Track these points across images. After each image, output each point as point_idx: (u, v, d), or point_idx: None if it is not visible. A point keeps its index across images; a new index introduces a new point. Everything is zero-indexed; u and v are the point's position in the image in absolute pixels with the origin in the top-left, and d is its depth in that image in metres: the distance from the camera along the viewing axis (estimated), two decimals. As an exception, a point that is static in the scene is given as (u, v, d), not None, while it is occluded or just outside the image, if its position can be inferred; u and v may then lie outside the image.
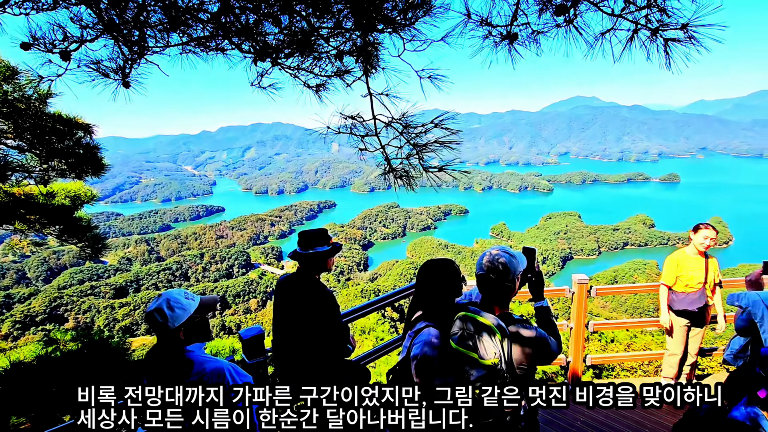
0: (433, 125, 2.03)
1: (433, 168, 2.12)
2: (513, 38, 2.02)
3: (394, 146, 2.10)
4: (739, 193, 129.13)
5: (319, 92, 2.06)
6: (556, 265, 76.07)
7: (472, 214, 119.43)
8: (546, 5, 1.90)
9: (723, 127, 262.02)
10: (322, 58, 1.90)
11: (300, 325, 2.48)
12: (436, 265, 2.19)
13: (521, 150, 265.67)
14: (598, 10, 1.89)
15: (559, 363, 4.69)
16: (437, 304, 2.15)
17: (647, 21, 1.87)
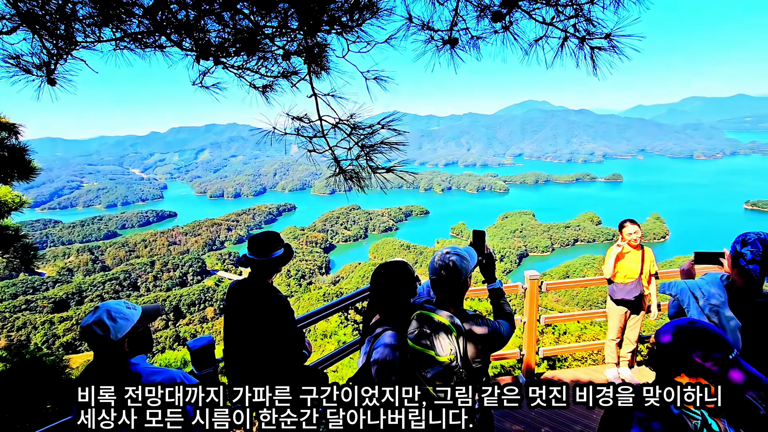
0: (380, 126, 2.03)
1: (380, 169, 2.13)
2: (454, 43, 2.07)
3: (343, 147, 2.09)
4: (674, 191, 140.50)
5: (266, 93, 2.00)
6: (513, 263, 79.05)
7: (433, 215, 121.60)
8: (483, 12, 1.98)
9: (659, 130, 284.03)
10: (268, 58, 1.86)
11: (253, 333, 2.40)
12: (389, 269, 2.21)
13: (478, 151, 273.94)
14: (530, 18, 1.98)
15: (515, 357, 4.87)
16: (393, 307, 2.17)
17: (575, 30, 1.99)
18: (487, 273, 2.37)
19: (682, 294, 2.42)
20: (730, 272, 2.31)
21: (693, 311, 2.37)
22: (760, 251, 2.11)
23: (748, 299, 2.23)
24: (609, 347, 4.63)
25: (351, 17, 1.75)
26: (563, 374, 4.91)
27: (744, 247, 2.19)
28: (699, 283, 2.38)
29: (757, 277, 2.16)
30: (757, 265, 2.15)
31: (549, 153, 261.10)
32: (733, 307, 2.23)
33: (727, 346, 1.42)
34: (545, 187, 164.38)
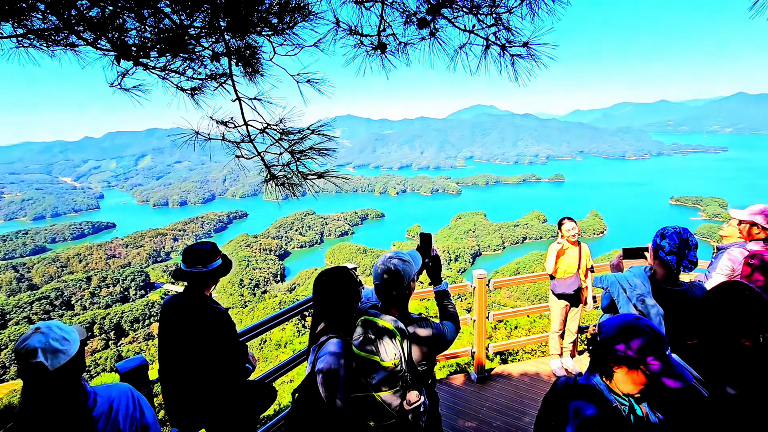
0: (310, 131, 2.00)
1: (311, 175, 2.09)
2: (383, 48, 2.09)
3: (274, 153, 2.03)
4: (610, 189, 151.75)
5: (194, 96, 1.89)
6: (467, 262, 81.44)
7: (389, 218, 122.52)
8: (410, 18, 2.02)
9: (595, 133, 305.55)
10: (194, 60, 1.76)
11: (189, 350, 2.26)
12: (331, 275, 2.18)
13: (431, 154, 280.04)
14: (454, 26, 2.05)
15: (467, 354, 4.98)
16: (337, 314, 2.14)
17: (496, 38, 2.08)
18: (433, 275, 2.41)
19: (612, 286, 2.61)
20: (652, 264, 2.52)
21: (622, 302, 2.54)
22: (676, 243, 2.33)
23: (667, 288, 2.43)
24: (552, 339, 4.87)
25: (281, 19, 1.70)
26: (512, 368, 5.10)
27: (663, 240, 2.40)
28: (626, 275, 2.58)
29: (674, 267, 2.36)
30: (674, 256, 2.35)
31: (498, 155, 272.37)
32: (655, 296, 2.42)
33: (665, 342, 1.47)
34: (495, 188, 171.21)
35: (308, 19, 1.74)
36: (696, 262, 2.35)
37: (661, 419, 1.56)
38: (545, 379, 4.83)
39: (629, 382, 1.49)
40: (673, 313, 2.38)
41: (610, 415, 1.49)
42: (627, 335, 1.50)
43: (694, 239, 2.36)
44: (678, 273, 2.40)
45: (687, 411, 1.68)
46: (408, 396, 1.94)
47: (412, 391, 1.95)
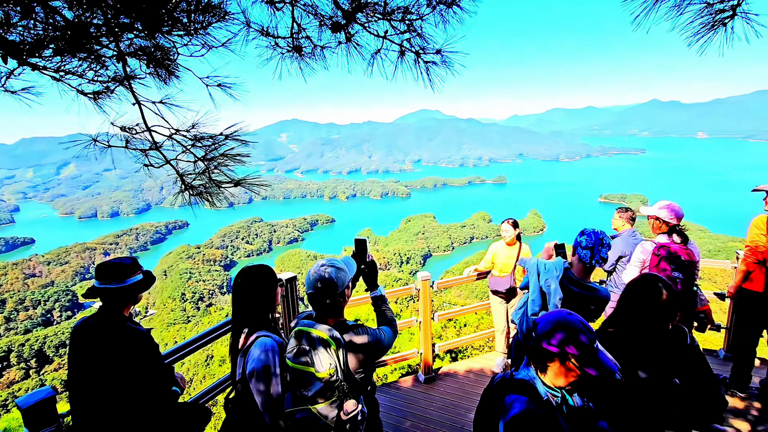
0: (224, 137, 1.90)
1: (227, 183, 1.99)
2: (298, 50, 2.07)
3: (189, 161, 1.90)
4: (547, 189, 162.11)
5: (98, 100, 1.71)
6: (418, 263, 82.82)
7: (339, 223, 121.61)
8: (323, 22, 2.00)
9: (532, 137, 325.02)
10: (95, 60, 1.58)
11: (105, 378, 2.04)
12: (248, 275, 2.10)
13: (380, 158, 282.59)
14: (366, 31, 2.07)
15: (413, 356, 5.01)
16: (259, 315, 2.07)
17: (410, 44, 2.13)
18: (369, 281, 2.39)
19: (531, 268, 2.81)
20: (572, 259, 2.73)
21: (533, 284, 2.75)
22: (592, 241, 2.56)
23: (578, 281, 2.62)
24: (496, 336, 5.04)
25: (190, 18, 1.59)
26: (459, 366, 5.21)
27: (582, 236, 2.64)
28: (547, 261, 2.76)
29: (587, 261, 2.56)
30: (588, 251, 2.56)
31: (444, 159, 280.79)
32: (562, 285, 2.61)
33: (592, 335, 1.54)
34: (443, 190, 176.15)
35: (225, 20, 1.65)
36: (606, 258, 2.59)
37: (590, 407, 1.65)
38: (490, 375, 4.98)
39: (560, 374, 1.55)
40: (575, 303, 2.58)
41: (542, 407, 1.53)
42: (557, 330, 1.55)
43: (608, 240, 2.60)
44: (591, 268, 2.61)
45: (608, 397, 1.79)
46: (345, 406, 1.90)
47: (349, 401, 1.91)
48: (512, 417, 1.53)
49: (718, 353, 5.07)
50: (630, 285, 2.16)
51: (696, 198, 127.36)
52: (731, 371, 4.06)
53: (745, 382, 3.95)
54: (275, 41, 2.04)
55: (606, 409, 1.76)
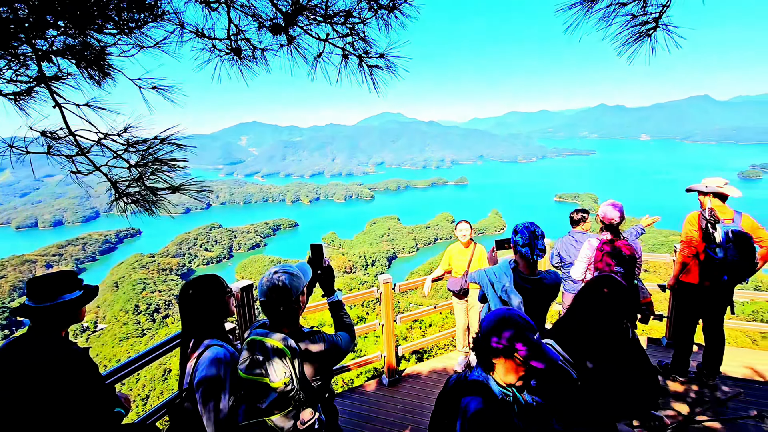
0: (158, 141, 1.80)
1: (164, 190, 1.89)
2: (238, 53, 2.02)
3: (122, 167, 1.79)
4: (506, 189, 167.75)
5: (19, 102, 1.54)
6: (384, 265, 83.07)
7: (303, 227, 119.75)
8: (263, 24, 1.96)
9: (491, 139, 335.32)
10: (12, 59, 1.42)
11: (36, 405, 1.86)
12: (197, 285, 2.01)
13: (343, 161, 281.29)
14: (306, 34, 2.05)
15: (376, 359, 4.99)
16: (209, 327, 1.99)
17: (353, 48, 2.13)
18: (325, 286, 2.35)
19: (482, 282, 2.87)
20: (515, 257, 2.81)
21: (491, 296, 2.81)
22: (527, 237, 2.66)
23: (527, 277, 2.72)
24: (457, 335, 5.11)
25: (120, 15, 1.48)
26: (423, 367, 5.24)
27: (517, 235, 2.72)
28: (494, 269, 2.84)
29: (530, 257, 2.66)
30: (527, 248, 2.65)
31: (407, 161, 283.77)
32: (517, 285, 2.69)
33: (533, 329, 1.57)
34: (406, 192, 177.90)
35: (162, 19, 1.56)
36: (544, 249, 2.68)
37: (540, 403, 1.68)
38: (455, 369, 5.05)
39: (509, 371, 1.57)
40: (533, 298, 2.68)
41: (495, 407, 1.55)
42: (500, 328, 1.58)
43: (540, 230, 2.71)
44: (535, 262, 2.72)
45: (560, 392, 1.85)
46: (301, 415, 1.85)
47: (306, 410, 1.86)
48: (469, 418, 1.54)
49: (661, 341, 5.41)
50: (585, 285, 2.25)
51: (641, 195, 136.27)
52: (672, 358, 4.34)
53: (685, 367, 4.24)
54: (212, 43, 1.96)
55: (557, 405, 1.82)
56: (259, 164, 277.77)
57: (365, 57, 2.13)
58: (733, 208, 3.81)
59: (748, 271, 3.66)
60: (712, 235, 3.64)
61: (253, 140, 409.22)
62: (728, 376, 4.46)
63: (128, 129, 1.73)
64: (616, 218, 3.48)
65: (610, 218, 3.50)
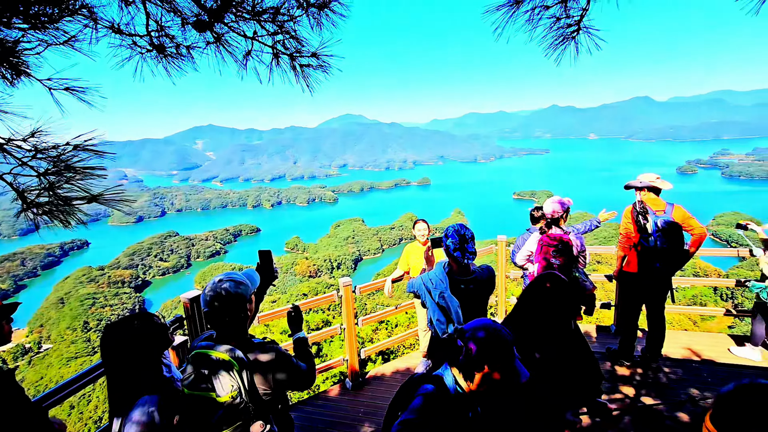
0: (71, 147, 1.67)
1: (78, 200, 1.76)
2: (160, 50, 1.94)
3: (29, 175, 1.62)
4: (468, 188, 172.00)
5: None
6: (349, 268, 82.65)
7: (265, 232, 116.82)
8: (186, 20, 1.89)
9: (451, 140, 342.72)
10: None
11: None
12: (120, 330, 1.84)
13: (305, 164, 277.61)
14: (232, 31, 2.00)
15: (340, 364, 4.94)
16: (141, 374, 1.83)
17: (284, 47, 2.10)
18: (293, 325, 2.29)
19: (420, 290, 2.90)
20: (449, 260, 2.85)
21: (429, 303, 2.83)
22: (456, 241, 2.68)
23: (462, 278, 2.76)
24: (420, 335, 5.15)
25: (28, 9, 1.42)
26: (386, 368, 5.24)
27: (448, 240, 2.74)
28: (430, 275, 2.86)
29: (461, 260, 2.69)
30: (458, 252, 2.68)
31: (369, 162, 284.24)
32: (453, 288, 2.73)
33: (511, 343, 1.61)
34: (370, 193, 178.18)
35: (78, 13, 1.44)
36: (474, 252, 2.73)
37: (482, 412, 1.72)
38: (416, 371, 5.08)
39: (480, 383, 1.60)
40: (471, 298, 2.74)
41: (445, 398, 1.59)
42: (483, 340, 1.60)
43: (470, 232, 2.73)
44: (467, 265, 2.75)
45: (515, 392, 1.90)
46: (252, 428, 1.79)
47: (256, 422, 1.80)
48: (414, 403, 1.58)
49: (610, 328, 5.72)
50: (530, 283, 2.33)
51: (592, 191, 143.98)
52: (618, 343, 4.61)
53: (630, 351, 4.51)
54: (132, 39, 1.85)
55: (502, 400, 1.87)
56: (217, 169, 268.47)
57: (297, 56, 2.09)
58: (666, 201, 4.10)
59: (680, 258, 3.94)
60: (644, 225, 3.90)
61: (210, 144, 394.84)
62: (669, 357, 4.79)
63: (36, 134, 1.57)
64: (558, 212, 3.66)
65: (551, 213, 3.68)
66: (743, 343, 4.95)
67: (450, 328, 2.75)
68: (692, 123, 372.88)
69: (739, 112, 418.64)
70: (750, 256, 4.88)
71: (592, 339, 5.52)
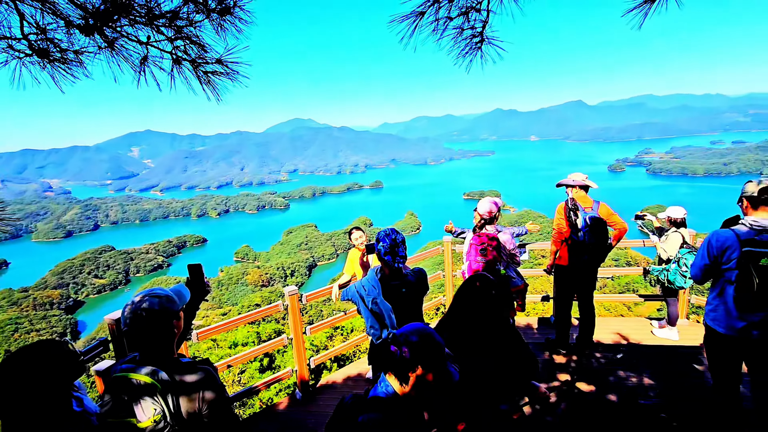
0: None
1: None
2: (44, 55, 1.81)
3: None
4: (419, 190, 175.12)
5: None
6: (304, 275, 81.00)
7: (212, 242, 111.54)
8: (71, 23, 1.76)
9: (401, 143, 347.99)
10: None
11: None
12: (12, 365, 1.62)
13: (253, 170, 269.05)
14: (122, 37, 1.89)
15: (288, 375, 4.81)
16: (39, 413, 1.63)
17: (186, 53, 2.02)
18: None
19: (354, 297, 2.90)
20: (381, 265, 2.88)
21: (362, 310, 2.83)
22: (388, 245, 2.71)
23: (394, 282, 2.79)
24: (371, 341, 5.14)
25: None
26: (337, 376, 5.17)
27: (379, 244, 2.76)
28: (363, 282, 2.86)
29: (392, 264, 2.73)
30: (389, 255, 2.71)
31: (321, 167, 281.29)
32: (386, 292, 2.75)
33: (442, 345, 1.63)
34: (322, 198, 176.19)
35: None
36: (405, 256, 2.77)
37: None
38: (367, 376, 5.06)
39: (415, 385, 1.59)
40: (404, 301, 2.78)
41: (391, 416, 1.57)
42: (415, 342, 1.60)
43: (401, 236, 2.78)
44: (399, 269, 2.79)
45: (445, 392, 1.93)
46: None
47: None
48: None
49: (550, 319, 6.05)
50: (461, 285, 2.39)
51: (534, 190, 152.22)
52: (555, 333, 4.88)
53: (566, 340, 4.80)
54: (7, 42, 1.68)
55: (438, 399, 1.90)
56: (157, 177, 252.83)
57: (201, 62, 2.01)
58: (593, 198, 4.41)
59: (604, 251, 4.27)
60: (575, 221, 4.18)
61: (148, 151, 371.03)
62: (602, 343, 5.15)
63: None
64: (493, 212, 3.82)
65: (487, 213, 3.83)
66: (664, 325, 5.44)
67: (384, 333, 2.76)
68: (619, 125, 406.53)
69: (657, 115, 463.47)
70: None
71: (534, 330, 5.81)
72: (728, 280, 2.61)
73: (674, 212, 4.95)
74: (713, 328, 2.77)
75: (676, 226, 4.93)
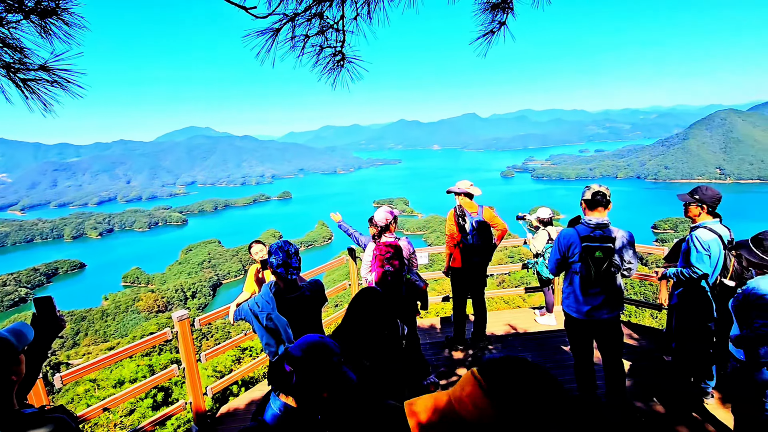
0: None
1: None
2: None
3: None
4: (330, 200, 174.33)
5: None
6: (207, 295, 74.79)
7: (92, 267, 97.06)
8: None
9: (309, 152, 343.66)
10: None
11: None
12: None
13: (142, 183, 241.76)
14: None
15: (182, 409, 4.37)
16: None
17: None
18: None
19: (247, 316, 2.76)
20: (275, 279, 2.77)
21: (257, 328, 2.71)
22: (280, 257, 2.62)
23: (290, 297, 2.72)
24: (271, 359, 4.93)
25: None
26: (241, 400, 4.86)
27: (272, 257, 2.66)
28: (256, 299, 2.76)
29: (285, 276, 2.64)
30: (282, 268, 2.62)
31: (223, 178, 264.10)
32: (281, 307, 2.66)
33: (335, 352, 1.58)
34: (225, 212, 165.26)
35: None
36: (298, 267, 2.70)
37: None
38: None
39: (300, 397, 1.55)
40: (301, 314, 2.73)
41: None
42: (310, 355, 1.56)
43: (293, 248, 2.70)
44: (294, 281, 2.73)
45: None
46: None
47: None
48: None
49: (450, 318, 6.45)
50: (353, 298, 2.44)
51: (439, 196, 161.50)
52: (453, 330, 5.23)
53: (462, 336, 5.17)
54: None
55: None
56: (16, 194, 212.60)
57: (20, 68, 1.77)
58: (478, 203, 4.84)
59: (490, 251, 4.71)
60: (463, 226, 4.54)
61: (3, 164, 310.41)
62: (494, 335, 5.65)
63: None
64: (389, 220, 3.97)
65: (383, 221, 3.96)
66: (544, 313, 6.17)
67: (281, 349, 2.68)
68: (507, 135, 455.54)
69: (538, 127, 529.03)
70: None
71: (437, 330, 6.14)
72: (575, 271, 3.16)
73: (542, 213, 5.71)
74: (568, 312, 3.32)
75: (544, 224, 5.68)
